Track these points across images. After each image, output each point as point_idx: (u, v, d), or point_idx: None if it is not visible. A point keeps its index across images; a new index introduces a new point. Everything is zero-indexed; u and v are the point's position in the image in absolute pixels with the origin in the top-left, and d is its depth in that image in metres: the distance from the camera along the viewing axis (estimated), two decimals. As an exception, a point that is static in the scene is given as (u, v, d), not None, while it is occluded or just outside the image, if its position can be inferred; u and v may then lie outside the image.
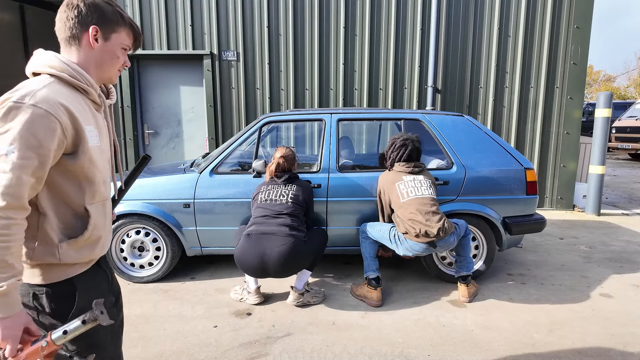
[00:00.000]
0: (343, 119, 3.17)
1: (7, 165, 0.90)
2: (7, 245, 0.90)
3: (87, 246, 1.09)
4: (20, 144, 0.91)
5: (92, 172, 1.07)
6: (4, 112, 0.92)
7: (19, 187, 0.91)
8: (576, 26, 5.22)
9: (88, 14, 1.06)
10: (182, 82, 5.72)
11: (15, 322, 0.94)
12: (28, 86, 0.96)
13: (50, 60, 1.03)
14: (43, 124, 0.93)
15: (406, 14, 5.36)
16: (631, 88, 30.20)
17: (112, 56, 1.11)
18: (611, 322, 2.52)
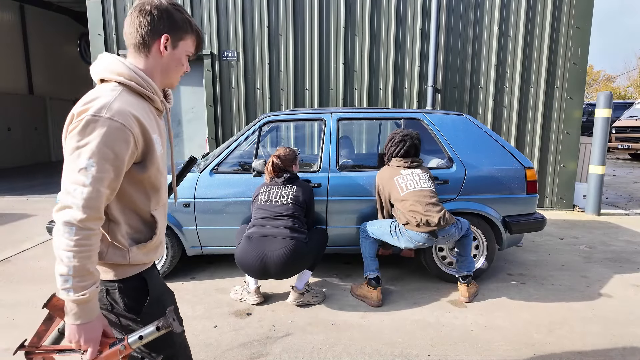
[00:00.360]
0: (343, 118, 3.17)
1: (87, 179, 0.92)
2: (88, 255, 0.93)
3: (153, 250, 1.14)
4: (98, 158, 0.93)
5: (158, 180, 1.11)
6: (83, 126, 0.93)
7: (98, 199, 0.93)
8: (576, 26, 5.21)
9: (160, 22, 1.06)
10: (182, 82, 5.72)
11: (95, 327, 0.98)
12: (102, 97, 0.97)
13: (119, 67, 1.03)
14: (119, 136, 0.95)
15: (406, 14, 5.36)
16: (631, 88, 30.20)
17: (177, 63, 1.12)
18: (611, 322, 2.52)
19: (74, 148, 0.93)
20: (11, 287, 3.05)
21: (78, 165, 0.92)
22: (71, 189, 0.92)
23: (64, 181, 0.94)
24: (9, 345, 2.26)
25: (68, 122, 0.98)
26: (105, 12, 5.46)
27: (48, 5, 10.89)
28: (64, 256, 0.92)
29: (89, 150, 0.92)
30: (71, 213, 0.91)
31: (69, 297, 0.94)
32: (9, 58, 10.06)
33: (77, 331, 0.97)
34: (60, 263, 0.92)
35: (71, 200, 0.92)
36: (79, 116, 0.95)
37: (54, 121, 11.44)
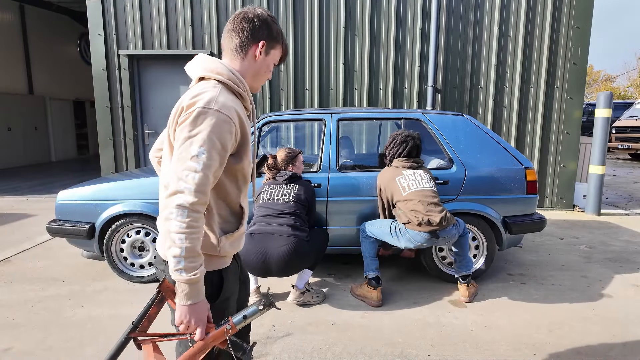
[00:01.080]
0: (343, 118, 3.17)
1: (199, 166, 0.99)
2: (197, 237, 1.00)
3: (238, 240, 1.19)
4: (208, 146, 1.00)
5: (248, 172, 1.18)
6: (194, 117, 1.01)
7: (207, 185, 1.01)
8: (576, 26, 5.21)
9: (260, 30, 1.16)
10: (182, 82, 5.72)
11: (203, 308, 1.04)
12: (208, 92, 1.05)
13: (219, 67, 1.12)
14: (225, 127, 1.03)
15: (406, 13, 5.36)
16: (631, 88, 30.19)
17: (266, 69, 1.21)
18: (611, 322, 2.52)
19: (185, 137, 1.01)
20: (11, 287, 3.05)
21: (190, 152, 1.00)
22: (183, 175, 0.99)
23: (174, 168, 1.01)
24: (9, 346, 2.26)
25: (177, 114, 1.06)
26: (105, 12, 5.46)
27: (48, 5, 10.88)
28: (176, 238, 0.97)
29: (200, 139, 1.00)
30: (183, 197, 0.98)
31: (181, 277, 0.98)
32: (9, 58, 10.06)
33: (188, 312, 1.02)
34: (172, 245, 0.98)
35: (183, 185, 0.98)
36: (188, 109, 1.03)
37: (54, 121, 11.44)
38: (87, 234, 2.99)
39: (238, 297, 1.32)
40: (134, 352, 1.09)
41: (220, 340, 1.06)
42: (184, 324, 1.03)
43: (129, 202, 3.00)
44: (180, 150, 1.01)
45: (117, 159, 5.71)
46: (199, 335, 1.03)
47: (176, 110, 1.06)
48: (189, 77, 5.65)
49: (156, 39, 5.49)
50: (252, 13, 1.16)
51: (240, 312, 1.07)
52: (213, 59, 1.14)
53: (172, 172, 1.01)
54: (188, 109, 1.03)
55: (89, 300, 2.83)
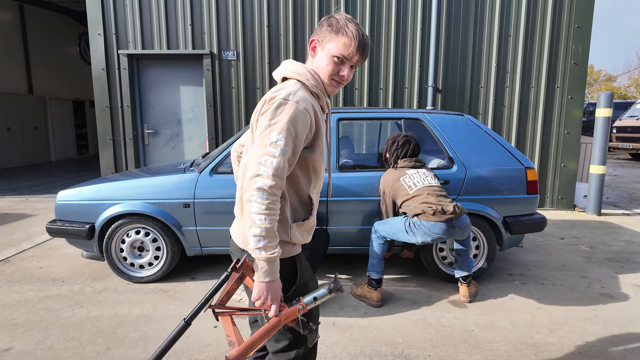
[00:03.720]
0: (343, 118, 3.16)
1: (277, 151, 1.08)
2: (275, 218, 1.08)
3: (307, 230, 1.27)
4: (286, 134, 1.09)
5: (320, 165, 1.25)
6: (275, 107, 1.11)
7: (283, 170, 1.09)
8: (577, 26, 5.21)
9: (318, 29, 1.24)
10: (182, 82, 5.72)
11: (278, 286, 1.12)
12: (288, 87, 1.16)
13: (298, 68, 1.23)
14: (301, 118, 1.12)
15: (406, 13, 5.36)
16: (632, 88, 30.18)
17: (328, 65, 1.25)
18: (612, 322, 2.51)
19: (266, 126, 1.11)
20: (11, 287, 3.05)
21: (270, 139, 1.09)
22: (263, 160, 1.08)
23: (255, 154, 1.10)
24: (8, 346, 2.26)
25: (260, 106, 1.16)
26: (105, 11, 5.46)
27: (48, 5, 10.88)
28: (256, 219, 1.06)
29: (278, 127, 1.09)
30: (262, 180, 1.06)
31: (260, 255, 1.07)
32: (9, 58, 10.05)
33: (265, 288, 1.10)
34: (253, 225, 1.06)
35: (263, 169, 1.07)
36: (270, 101, 1.13)
37: (54, 121, 11.43)
38: (86, 234, 2.99)
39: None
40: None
41: (292, 318, 1.15)
42: (260, 300, 1.11)
43: (129, 202, 3.00)
44: (261, 137, 1.10)
45: (116, 159, 5.70)
46: (274, 312, 1.12)
47: (260, 104, 1.17)
48: (189, 77, 5.66)
49: (156, 38, 5.49)
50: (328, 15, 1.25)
51: (311, 294, 1.16)
52: (296, 62, 1.25)
53: (253, 157, 1.10)
54: (270, 101, 1.13)
55: (88, 300, 2.82)
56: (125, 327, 2.46)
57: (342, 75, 1.23)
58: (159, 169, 3.55)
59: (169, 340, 1.22)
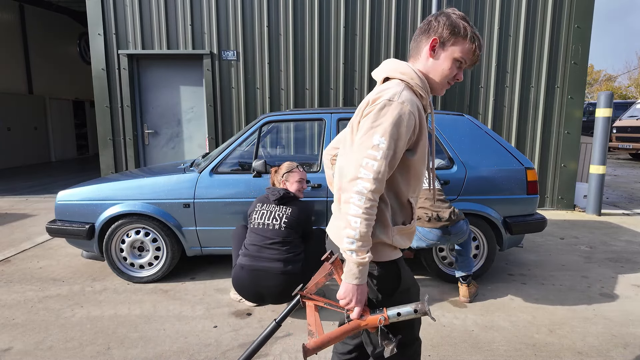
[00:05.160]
0: (343, 118, 3.16)
1: (379, 154, 1.06)
2: (371, 223, 1.06)
3: (407, 235, 1.24)
4: (388, 137, 1.06)
5: (420, 169, 1.21)
6: (379, 108, 1.08)
7: (384, 174, 1.07)
8: (577, 26, 5.21)
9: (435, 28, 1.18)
10: (182, 82, 5.72)
11: (365, 290, 1.11)
12: (393, 88, 1.12)
13: (401, 67, 1.18)
14: (406, 120, 1.08)
15: (406, 13, 5.35)
16: (632, 87, 30.18)
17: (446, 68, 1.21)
18: (612, 322, 2.51)
19: (368, 128, 1.08)
20: (11, 287, 3.05)
21: (372, 142, 1.06)
22: (364, 162, 1.06)
23: (356, 156, 1.08)
24: (8, 346, 2.26)
25: (363, 107, 1.14)
26: (105, 11, 5.46)
27: (48, 5, 10.88)
28: (352, 221, 1.04)
29: (381, 129, 1.07)
30: (362, 184, 1.05)
31: (352, 258, 1.06)
32: (9, 58, 10.06)
33: (352, 290, 1.09)
34: (348, 227, 1.05)
35: (364, 172, 1.05)
36: (374, 102, 1.10)
37: (54, 121, 11.43)
38: (86, 234, 2.99)
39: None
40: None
41: (372, 326, 1.14)
42: (345, 300, 1.11)
43: (129, 202, 3.00)
44: (362, 139, 1.08)
45: (116, 159, 5.71)
46: (355, 314, 1.12)
47: (363, 104, 1.14)
48: (189, 77, 5.66)
49: (156, 38, 5.49)
50: (432, 16, 1.20)
51: (396, 307, 1.14)
52: (398, 61, 1.21)
53: (353, 159, 1.08)
54: (374, 102, 1.11)
55: (88, 300, 2.82)
56: (125, 327, 2.46)
57: (458, 79, 1.22)
58: (159, 169, 3.55)
59: (260, 341, 1.25)
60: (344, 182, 1.08)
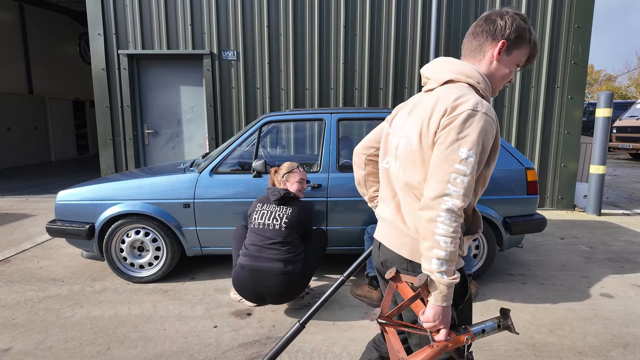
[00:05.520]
0: (343, 118, 3.16)
1: (467, 169, 1.00)
2: (458, 241, 1.01)
3: (469, 242, 1.20)
4: (475, 149, 1.00)
5: (488, 178, 1.18)
6: (464, 119, 1.01)
7: (472, 189, 1.02)
8: (577, 26, 5.21)
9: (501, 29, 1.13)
10: (182, 82, 5.72)
11: (450, 311, 1.06)
12: (469, 95, 1.05)
13: (468, 70, 1.12)
14: (490, 131, 1.03)
15: (406, 13, 5.36)
16: (632, 87, 30.17)
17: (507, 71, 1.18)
18: (612, 322, 2.51)
19: (453, 140, 1.01)
20: (11, 287, 3.05)
21: (459, 156, 1.00)
22: (451, 178, 0.99)
23: (440, 170, 1.01)
24: (8, 346, 2.26)
25: (439, 116, 1.05)
26: (105, 11, 5.46)
27: (48, 5, 10.88)
28: (441, 241, 0.99)
29: (469, 142, 1.00)
30: (452, 201, 0.99)
31: (442, 280, 1.00)
32: (9, 58, 10.06)
33: (440, 312, 1.03)
34: (436, 247, 0.99)
35: (453, 189, 0.99)
36: (453, 111, 1.03)
37: (54, 121, 11.43)
38: (86, 234, 2.99)
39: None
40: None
41: (457, 346, 1.09)
42: (432, 322, 1.05)
43: (129, 202, 3.00)
44: (447, 152, 1.01)
45: (116, 159, 5.71)
46: (443, 336, 1.05)
47: (438, 113, 1.06)
48: (189, 77, 5.66)
49: (156, 38, 5.49)
50: (495, 14, 1.14)
51: (479, 325, 1.11)
52: (458, 61, 1.14)
53: (437, 173, 1.02)
54: (452, 111, 1.03)
55: (88, 300, 2.82)
56: (125, 327, 2.46)
57: (511, 81, 1.19)
58: (159, 169, 3.55)
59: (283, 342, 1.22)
60: (428, 198, 1.02)
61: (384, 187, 1.27)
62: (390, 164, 1.24)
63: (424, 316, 1.06)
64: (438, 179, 1.01)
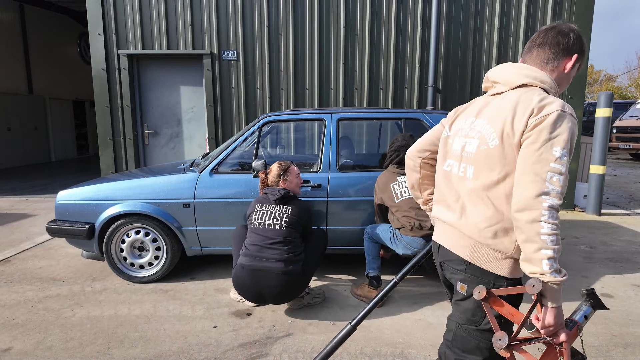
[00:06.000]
0: (343, 118, 3.16)
1: (563, 168, 1.03)
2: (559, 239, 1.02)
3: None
4: (567, 148, 1.04)
5: None
6: (554, 119, 1.04)
7: (566, 188, 1.05)
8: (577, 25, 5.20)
9: (575, 43, 1.21)
10: (182, 82, 5.72)
11: (562, 312, 1.07)
12: (550, 97, 1.10)
13: (542, 76, 1.18)
14: (575, 132, 1.07)
15: (406, 13, 5.36)
16: (632, 87, 30.17)
17: (568, 81, 1.26)
18: (612, 322, 2.51)
19: (546, 139, 1.04)
20: (11, 287, 3.05)
21: (553, 155, 1.03)
22: (548, 177, 1.02)
23: (536, 170, 1.04)
24: (8, 346, 2.26)
25: (526, 115, 1.08)
26: (105, 11, 5.46)
27: (48, 5, 10.88)
28: (548, 240, 1.00)
29: (561, 141, 1.03)
30: (552, 199, 1.02)
31: (556, 279, 1.02)
32: (9, 58, 10.06)
33: (556, 314, 1.06)
34: (544, 248, 1.00)
35: (551, 187, 1.02)
36: (540, 111, 1.06)
37: (54, 121, 11.43)
38: (86, 234, 2.99)
39: None
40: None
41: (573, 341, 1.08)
42: (552, 326, 1.05)
43: (129, 202, 3.00)
44: (540, 151, 1.04)
45: (116, 159, 5.71)
46: (565, 337, 1.06)
47: (513, 111, 1.10)
48: (189, 77, 5.65)
49: (156, 38, 5.49)
50: (566, 27, 1.21)
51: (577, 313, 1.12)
52: (531, 66, 1.20)
53: (532, 173, 1.04)
54: (540, 111, 1.06)
55: (88, 300, 2.82)
56: (125, 327, 2.46)
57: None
58: (159, 169, 3.55)
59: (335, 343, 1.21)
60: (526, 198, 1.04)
61: (445, 190, 1.28)
62: (453, 167, 1.27)
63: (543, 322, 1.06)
64: (534, 179, 1.03)
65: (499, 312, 1.14)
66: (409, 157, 1.47)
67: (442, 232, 1.30)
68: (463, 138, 1.25)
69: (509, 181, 1.11)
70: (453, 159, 1.27)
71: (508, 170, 1.11)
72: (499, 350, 1.10)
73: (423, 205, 1.55)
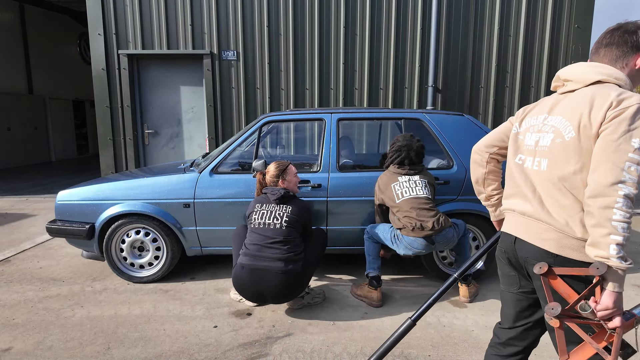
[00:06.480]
0: (343, 118, 3.16)
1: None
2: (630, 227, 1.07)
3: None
4: None
5: None
6: (634, 112, 1.09)
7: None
8: (577, 25, 5.21)
9: None
10: (182, 82, 5.72)
11: (621, 298, 1.09)
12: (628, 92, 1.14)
13: (617, 73, 1.21)
14: None
15: (406, 13, 5.36)
16: (631, 88, 30.17)
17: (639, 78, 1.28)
18: (612, 322, 2.51)
19: (625, 131, 1.08)
20: (11, 287, 3.05)
21: (632, 145, 1.07)
22: (626, 166, 1.06)
23: (612, 159, 1.08)
24: (8, 346, 2.26)
25: (604, 108, 1.12)
26: (105, 11, 5.46)
27: (48, 5, 10.89)
28: (619, 226, 1.05)
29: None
30: (628, 188, 1.05)
31: (622, 265, 1.05)
32: (9, 58, 10.06)
33: (616, 298, 1.07)
34: (614, 233, 1.05)
35: (628, 176, 1.06)
36: (619, 104, 1.10)
37: (54, 121, 11.43)
38: (86, 234, 2.99)
39: None
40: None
41: (626, 331, 1.10)
42: (611, 310, 1.08)
43: (129, 202, 3.00)
44: (619, 142, 1.08)
45: (117, 159, 5.71)
46: (618, 322, 1.08)
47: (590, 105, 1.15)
48: (189, 77, 5.65)
49: (156, 38, 5.49)
50: (633, 26, 1.24)
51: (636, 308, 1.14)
52: (607, 65, 1.23)
53: (609, 161, 1.08)
54: (619, 104, 1.10)
55: (88, 300, 2.82)
56: (125, 327, 2.46)
57: None
58: (159, 169, 3.55)
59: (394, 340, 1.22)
60: (603, 185, 1.08)
61: (520, 183, 1.33)
62: (525, 161, 1.33)
63: (601, 304, 1.09)
64: (611, 167, 1.07)
65: (556, 289, 1.18)
66: (476, 151, 1.53)
67: (520, 225, 1.32)
68: (536, 134, 1.30)
69: (586, 172, 1.16)
70: (525, 154, 1.34)
71: (585, 161, 1.16)
72: (549, 320, 1.15)
73: (485, 201, 1.61)
